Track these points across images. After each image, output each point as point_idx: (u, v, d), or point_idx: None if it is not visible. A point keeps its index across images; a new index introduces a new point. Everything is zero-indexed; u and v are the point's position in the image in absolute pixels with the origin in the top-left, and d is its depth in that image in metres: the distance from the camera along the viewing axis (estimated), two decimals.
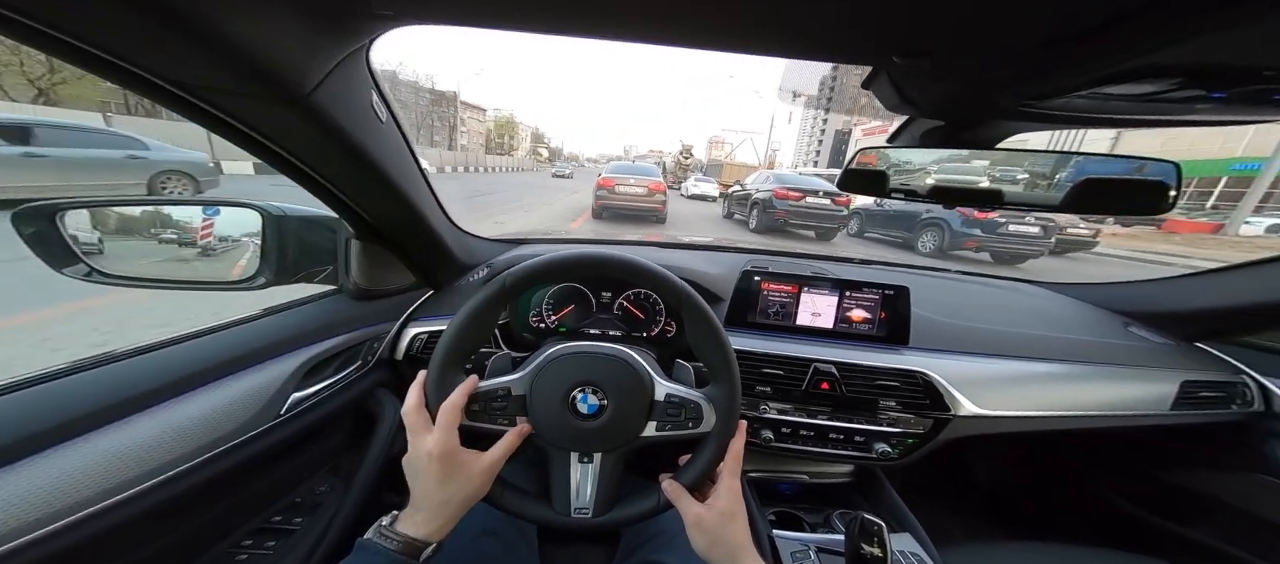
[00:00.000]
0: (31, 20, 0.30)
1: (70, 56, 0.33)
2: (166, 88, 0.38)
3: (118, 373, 0.51)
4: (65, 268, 0.57)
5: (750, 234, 8.56)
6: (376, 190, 0.63)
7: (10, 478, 0.38)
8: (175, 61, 0.36)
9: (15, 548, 0.37)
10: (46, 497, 0.40)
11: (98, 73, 0.34)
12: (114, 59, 0.34)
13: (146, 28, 0.32)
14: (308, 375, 0.67)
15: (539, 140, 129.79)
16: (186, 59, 0.36)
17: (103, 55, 0.33)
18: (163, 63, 0.36)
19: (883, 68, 0.45)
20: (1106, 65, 0.37)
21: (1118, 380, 0.92)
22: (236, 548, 0.62)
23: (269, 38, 0.36)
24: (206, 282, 0.69)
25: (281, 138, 0.50)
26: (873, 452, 0.89)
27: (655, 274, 0.55)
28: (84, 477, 0.42)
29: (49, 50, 0.32)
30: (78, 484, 0.42)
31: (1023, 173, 0.65)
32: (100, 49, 0.33)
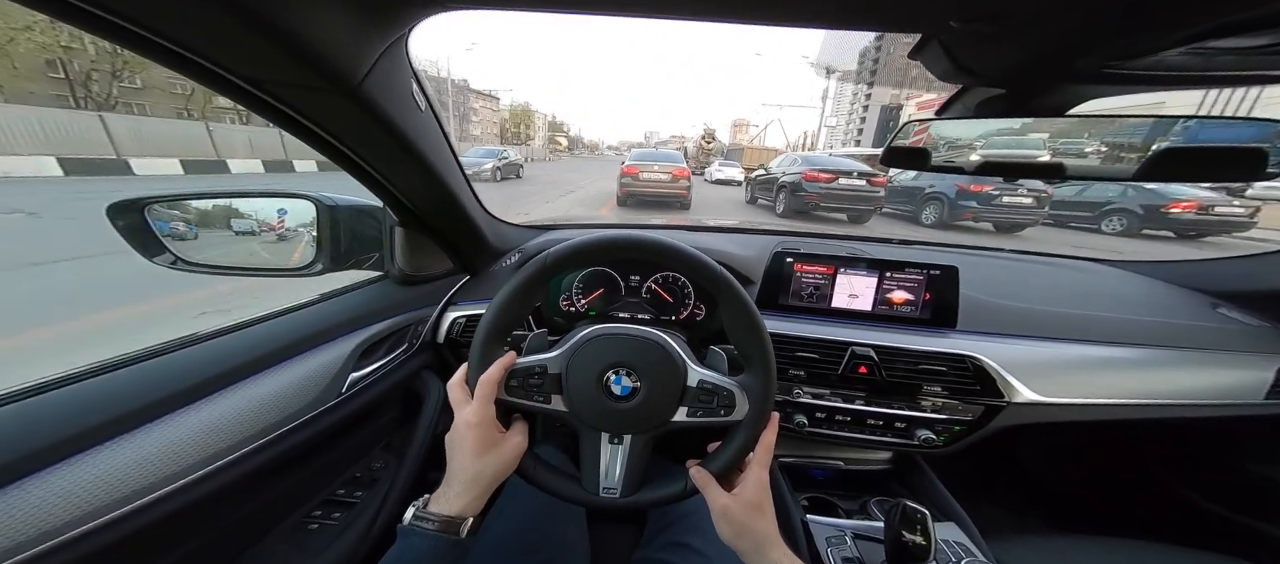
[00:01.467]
0: (119, 18, 0.32)
1: (150, 52, 0.35)
2: (238, 83, 0.41)
3: (204, 352, 0.56)
4: (155, 257, 0.63)
5: (776, 218, 8.35)
6: (418, 177, 0.66)
7: (120, 448, 0.43)
8: (246, 57, 0.39)
9: (134, 509, 0.43)
10: (153, 466, 0.44)
11: (175, 68, 0.37)
12: (190, 54, 0.37)
13: (221, 25, 0.34)
14: (362, 357, 0.71)
15: (557, 128, 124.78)
16: (255, 54, 0.38)
17: (179, 51, 0.36)
18: (236, 59, 0.39)
19: (936, 34, 0.42)
20: (1216, 14, 0.32)
21: (1203, 366, 0.83)
22: (308, 518, 0.68)
23: (324, 29, 0.38)
24: (271, 269, 0.74)
25: (335, 127, 0.52)
26: (915, 438, 0.85)
27: (692, 257, 0.54)
28: (184, 448, 0.47)
29: (132, 47, 0.35)
30: (179, 455, 0.47)
31: (1088, 141, 0.59)
32: (178, 44, 0.36)
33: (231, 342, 0.60)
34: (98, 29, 0.33)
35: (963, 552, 0.71)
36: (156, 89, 29.63)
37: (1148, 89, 0.51)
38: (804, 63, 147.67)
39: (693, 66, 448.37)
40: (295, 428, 0.59)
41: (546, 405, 0.54)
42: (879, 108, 53.17)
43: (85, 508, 0.39)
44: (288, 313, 0.70)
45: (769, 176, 9.24)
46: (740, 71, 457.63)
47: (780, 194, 8.40)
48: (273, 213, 0.74)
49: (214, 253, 0.70)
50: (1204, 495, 1.04)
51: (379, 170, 0.62)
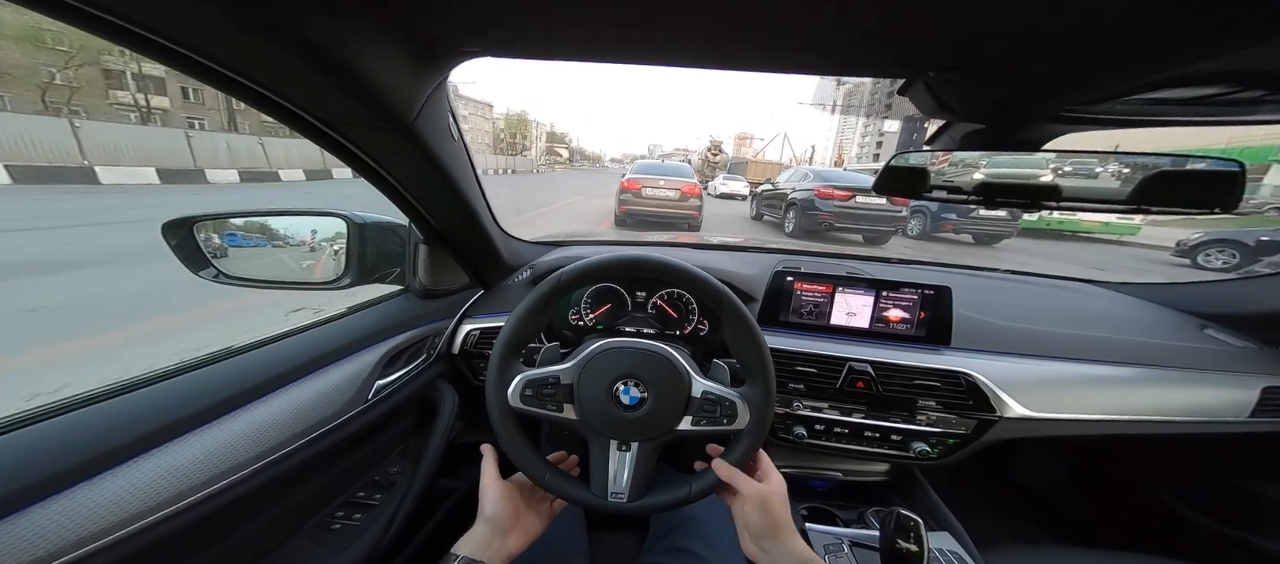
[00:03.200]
0: (213, 62, 0.37)
1: (245, 96, 0.41)
2: (315, 124, 0.46)
3: (246, 363, 0.61)
4: (200, 271, 0.68)
5: (785, 238, 7.72)
6: (448, 200, 0.71)
7: (166, 454, 0.47)
8: (319, 99, 0.45)
9: (178, 510, 0.46)
10: (193, 471, 0.48)
11: (254, 105, 0.42)
12: (282, 101, 0.42)
13: (307, 76, 0.40)
14: (386, 366, 0.76)
15: (556, 140, 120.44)
16: (327, 96, 0.44)
17: (273, 97, 0.41)
18: (308, 99, 0.44)
19: (918, 78, 0.47)
20: (1159, 71, 0.37)
21: (1190, 385, 0.87)
22: (331, 518, 0.71)
23: (385, 76, 0.43)
24: (303, 282, 0.79)
25: (386, 160, 0.58)
26: (911, 451, 0.88)
27: (697, 276, 0.58)
28: (226, 453, 0.51)
29: (225, 89, 0.39)
30: (222, 459, 0.50)
31: (1083, 168, 0.63)
32: (272, 91, 0.41)
33: (271, 352, 0.64)
34: (204, 76, 0.37)
35: (956, 560, 0.74)
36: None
37: (1109, 128, 0.56)
38: (805, 82, 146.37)
39: (696, 80, 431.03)
40: (325, 433, 0.63)
41: (558, 413, 0.58)
42: (901, 122, 51.62)
43: (136, 509, 0.43)
44: (320, 325, 0.74)
45: (776, 192, 8.76)
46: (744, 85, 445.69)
47: (790, 212, 7.80)
48: (306, 231, 0.79)
49: (252, 267, 0.75)
50: (1192, 509, 1.07)
51: (415, 195, 0.68)
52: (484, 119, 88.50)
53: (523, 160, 48.10)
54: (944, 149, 0.61)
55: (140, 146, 12.47)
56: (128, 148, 12.15)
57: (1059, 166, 0.61)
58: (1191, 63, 0.36)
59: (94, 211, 6.74)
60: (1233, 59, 0.34)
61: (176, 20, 0.33)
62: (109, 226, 5.75)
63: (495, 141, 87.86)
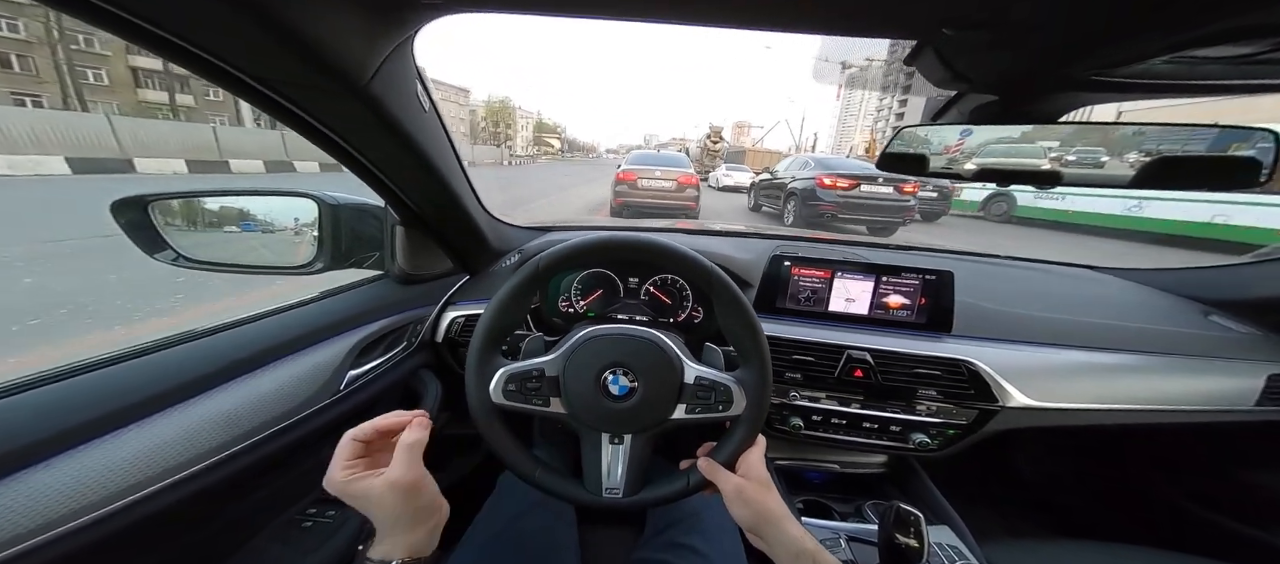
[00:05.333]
0: (130, 14, 0.32)
1: (162, 49, 0.36)
2: (247, 81, 0.41)
3: (202, 348, 0.56)
4: (156, 254, 0.63)
5: (784, 228, 7.73)
6: (421, 177, 0.66)
7: (106, 446, 0.43)
8: (254, 56, 0.40)
9: (127, 505, 0.42)
10: (143, 463, 0.44)
11: (185, 66, 0.38)
12: (200, 52, 0.37)
13: (231, 23, 0.35)
14: (361, 355, 0.72)
15: (546, 129, 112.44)
16: (264, 53, 0.39)
17: (190, 48, 0.37)
18: (244, 57, 0.39)
19: (930, 41, 0.43)
20: (1203, 24, 0.33)
21: (1195, 373, 0.84)
22: (302, 515, 0.68)
23: (332, 30, 0.38)
24: (272, 266, 0.75)
25: (342, 127, 0.53)
26: (910, 442, 0.86)
27: (684, 256, 0.55)
28: (180, 444, 0.47)
29: (144, 43, 0.35)
30: (175, 450, 0.46)
31: (1085, 148, 0.60)
32: (187, 41, 0.36)
33: (232, 336, 0.60)
34: (109, 25, 0.33)
35: (955, 554, 0.72)
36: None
37: (1142, 96, 0.52)
38: (810, 62, 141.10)
39: (692, 68, 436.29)
40: (291, 425, 0.59)
41: (545, 408, 0.55)
42: (925, 100, 50.39)
43: (78, 503, 0.39)
44: (288, 309, 0.70)
45: (775, 181, 8.32)
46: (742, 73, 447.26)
47: (790, 202, 7.30)
48: (276, 212, 0.75)
49: (216, 250, 0.71)
50: (1195, 500, 1.05)
51: (383, 170, 0.63)
52: (458, 105, 79.28)
53: (486, 150, 37.85)
54: (951, 123, 0.58)
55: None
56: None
57: (1061, 152, 0.58)
58: (1237, 16, 0.32)
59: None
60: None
61: None
62: None
63: (474, 131, 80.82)
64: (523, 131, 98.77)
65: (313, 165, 16.17)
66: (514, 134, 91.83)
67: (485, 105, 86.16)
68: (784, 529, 0.47)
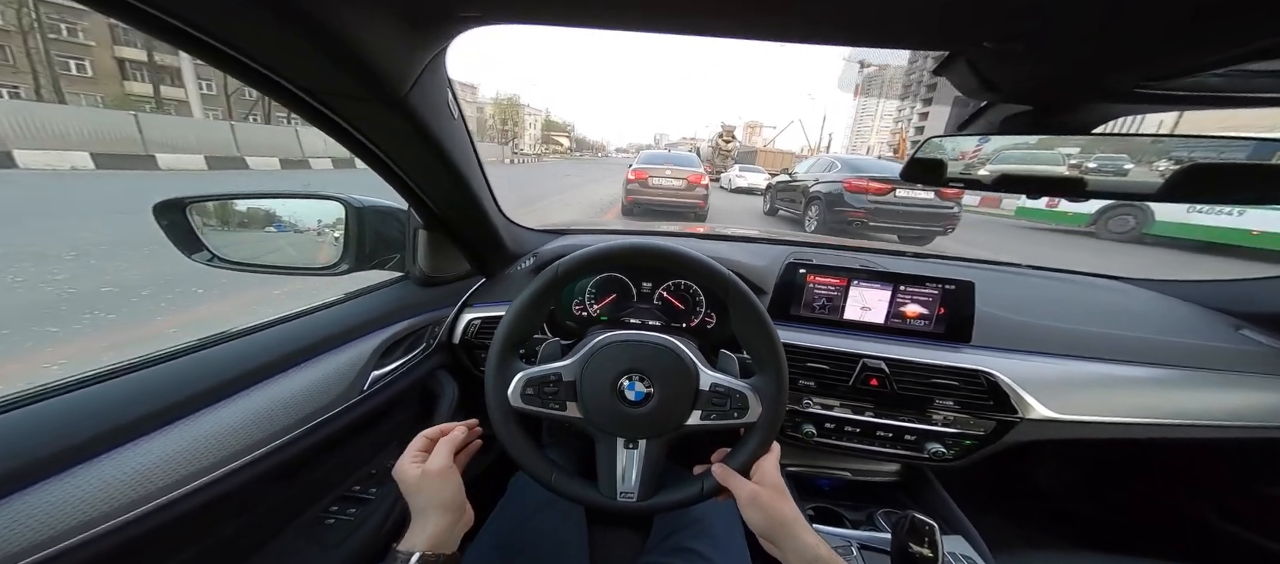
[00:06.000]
0: (185, 23, 0.34)
1: (214, 58, 0.37)
2: (297, 93, 0.43)
3: (236, 349, 0.58)
4: (193, 254, 0.66)
5: (799, 233, 6.64)
6: (447, 182, 0.68)
7: (147, 446, 0.44)
8: (305, 69, 0.41)
9: (158, 506, 0.44)
10: (179, 463, 0.45)
11: (234, 74, 0.39)
12: (251, 62, 0.39)
13: (283, 36, 0.36)
14: (384, 355, 0.74)
15: (555, 128, 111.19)
16: (314, 67, 0.41)
17: (245, 61, 0.38)
18: (294, 68, 0.41)
19: (964, 52, 0.42)
20: (1260, 36, 0.32)
21: (1227, 388, 0.82)
22: (326, 513, 0.70)
23: (377, 45, 0.40)
24: (300, 267, 0.77)
25: (378, 135, 0.55)
26: (925, 451, 0.85)
27: (702, 264, 0.55)
28: (214, 443, 0.49)
29: (196, 52, 0.36)
30: (209, 450, 0.48)
31: (1109, 157, 0.58)
32: (240, 52, 0.38)
33: (262, 339, 0.62)
34: (170, 37, 0.34)
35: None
36: None
37: (1187, 108, 0.50)
38: (827, 60, 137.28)
39: (703, 68, 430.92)
40: (318, 425, 0.61)
41: (561, 412, 0.56)
42: (950, 109, 47.54)
43: (113, 504, 0.40)
44: (316, 311, 0.72)
45: (794, 184, 7.65)
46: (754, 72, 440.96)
47: (812, 207, 6.64)
48: (304, 214, 0.77)
49: (247, 250, 0.73)
50: (1221, 516, 1.02)
51: (412, 176, 0.65)
52: (466, 103, 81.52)
53: (488, 148, 36.53)
54: (979, 133, 0.57)
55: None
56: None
57: (1082, 160, 0.57)
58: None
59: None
60: None
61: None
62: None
63: (481, 128, 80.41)
64: (531, 130, 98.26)
65: (326, 162, 16.48)
66: (521, 132, 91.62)
67: (494, 103, 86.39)
68: (799, 536, 0.47)
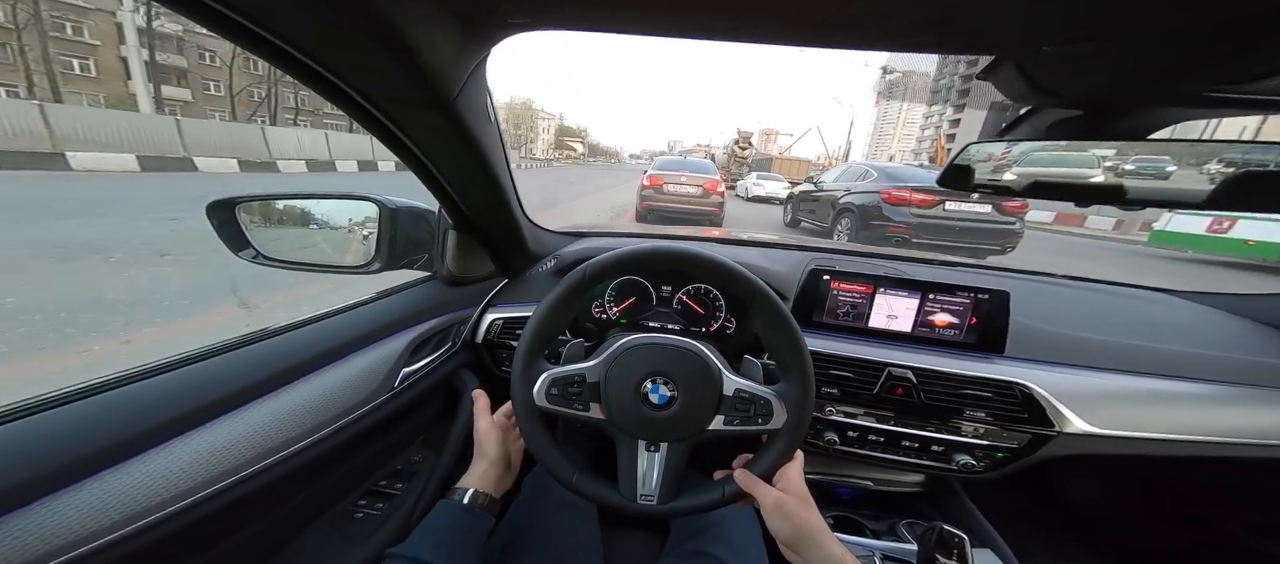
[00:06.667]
0: (260, 27, 0.35)
1: (283, 62, 0.39)
2: (353, 96, 0.45)
3: (276, 346, 0.60)
4: (240, 251, 0.69)
5: (819, 239, 5.87)
6: (481, 185, 0.69)
7: (184, 444, 0.45)
8: (366, 73, 0.43)
9: (208, 495, 0.45)
10: (217, 458, 0.46)
11: (298, 77, 0.41)
12: (317, 65, 0.40)
13: (352, 41, 0.38)
14: (413, 353, 0.75)
15: (569, 133, 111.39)
16: (375, 71, 0.42)
17: (311, 64, 0.40)
18: (356, 73, 0.42)
19: (1012, 56, 0.40)
20: None
21: (1275, 405, 0.78)
22: (354, 507, 0.71)
23: (430, 49, 0.41)
24: (336, 266, 0.80)
25: (423, 137, 0.56)
26: (953, 463, 0.83)
27: (728, 268, 0.55)
28: (254, 439, 0.50)
29: (265, 56, 0.38)
30: (249, 445, 0.49)
31: (1149, 159, 0.55)
32: (311, 58, 0.39)
33: (299, 336, 0.64)
34: (235, 34, 0.35)
35: None
36: None
37: (1260, 113, 0.48)
38: (848, 66, 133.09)
39: (718, 74, 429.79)
40: (351, 421, 0.63)
41: (585, 413, 0.56)
42: (986, 113, 43.63)
43: (156, 499, 0.42)
44: (351, 309, 0.74)
45: (819, 194, 7.07)
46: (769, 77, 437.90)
47: (843, 219, 6.03)
48: (339, 214, 0.80)
49: (288, 249, 0.77)
50: (1263, 537, 0.96)
51: (448, 177, 0.66)
52: None
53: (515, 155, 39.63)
54: (1025, 139, 0.55)
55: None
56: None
57: (1117, 163, 0.54)
58: None
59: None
60: None
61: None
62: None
63: None
64: (544, 135, 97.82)
65: (351, 164, 17.04)
66: (535, 137, 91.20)
67: (507, 108, 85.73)
68: (823, 546, 0.47)
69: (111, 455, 0.41)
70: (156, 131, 12.12)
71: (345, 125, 21.70)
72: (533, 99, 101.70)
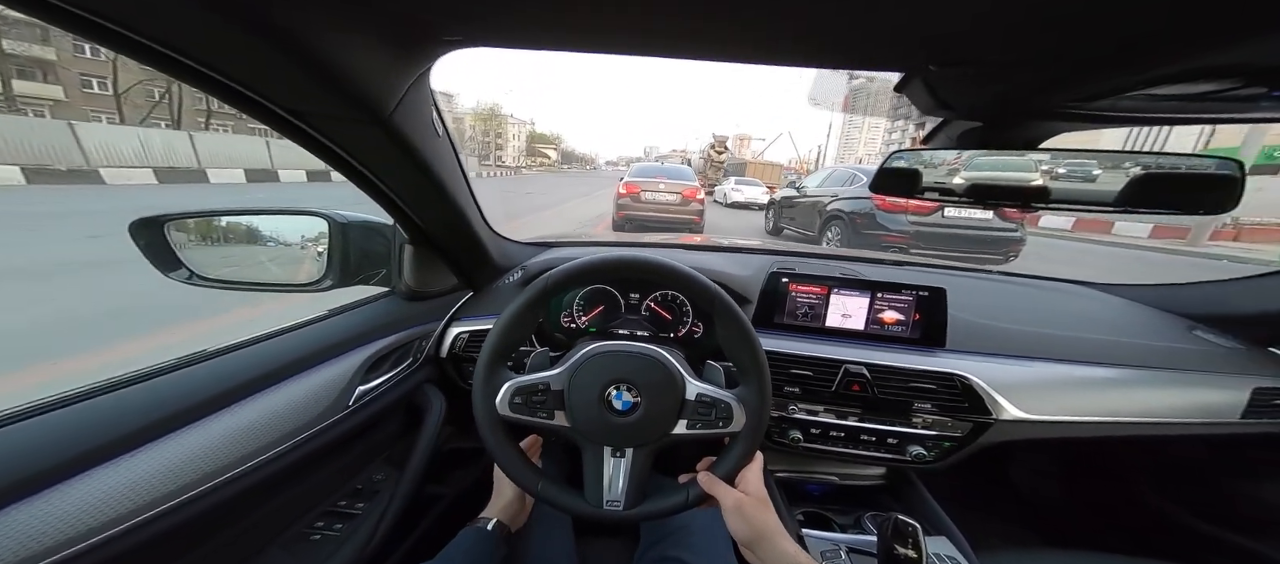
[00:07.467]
0: (176, 53, 0.34)
1: (206, 85, 0.38)
2: (282, 114, 0.44)
3: (220, 367, 0.58)
4: (170, 272, 0.65)
5: (779, 243, 5.89)
6: (433, 198, 0.69)
7: (131, 463, 0.44)
8: (291, 91, 0.42)
9: (127, 529, 0.43)
10: (160, 480, 0.45)
11: (219, 96, 0.40)
12: (240, 87, 0.39)
13: (272, 61, 0.37)
14: (369, 371, 0.73)
15: (542, 140, 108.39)
16: (301, 89, 0.41)
17: (229, 84, 0.39)
18: (281, 92, 0.42)
19: (917, 74, 0.46)
20: (1161, 67, 0.37)
21: (1182, 386, 0.87)
22: (310, 529, 0.69)
23: (362, 66, 0.41)
24: (281, 284, 0.76)
25: (363, 154, 0.55)
26: (906, 454, 0.88)
27: (688, 277, 0.57)
28: (197, 460, 0.48)
29: (188, 79, 0.37)
30: (192, 467, 0.48)
31: (1078, 164, 0.62)
32: (228, 77, 0.38)
33: (246, 356, 0.61)
34: (151, 59, 0.34)
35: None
36: None
37: (1108, 126, 0.55)
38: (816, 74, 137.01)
39: (693, 80, 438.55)
40: (303, 441, 0.60)
41: (549, 421, 0.56)
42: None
43: (97, 520, 0.40)
44: (301, 327, 0.72)
45: (802, 200, 6.71)
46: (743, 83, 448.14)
47: (832, 227, 5.65)
48: (287, 230, 0.77)
49: (228, 268, 0.72)
50: (1186, 511, 1.07)
51: (398, 193, 0.65)
52: (443, 113, 79.57)
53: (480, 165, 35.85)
54: (940, 147, 0.60)
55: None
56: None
57: (1052, 167, 0.60)
58: (1193, 59, 0.35)
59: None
60: (1232, 54, 0.33)
61: (140, 10, 0.31)
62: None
63: (459, 140, 77.90)
64: (515, 141, 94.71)
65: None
66: (505, 144, 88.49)
67: (473, 113, 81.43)
68: (779, 545, 0.49)
69: (34, 484, 0.38)
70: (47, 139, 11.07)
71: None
72: (501, 104, 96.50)
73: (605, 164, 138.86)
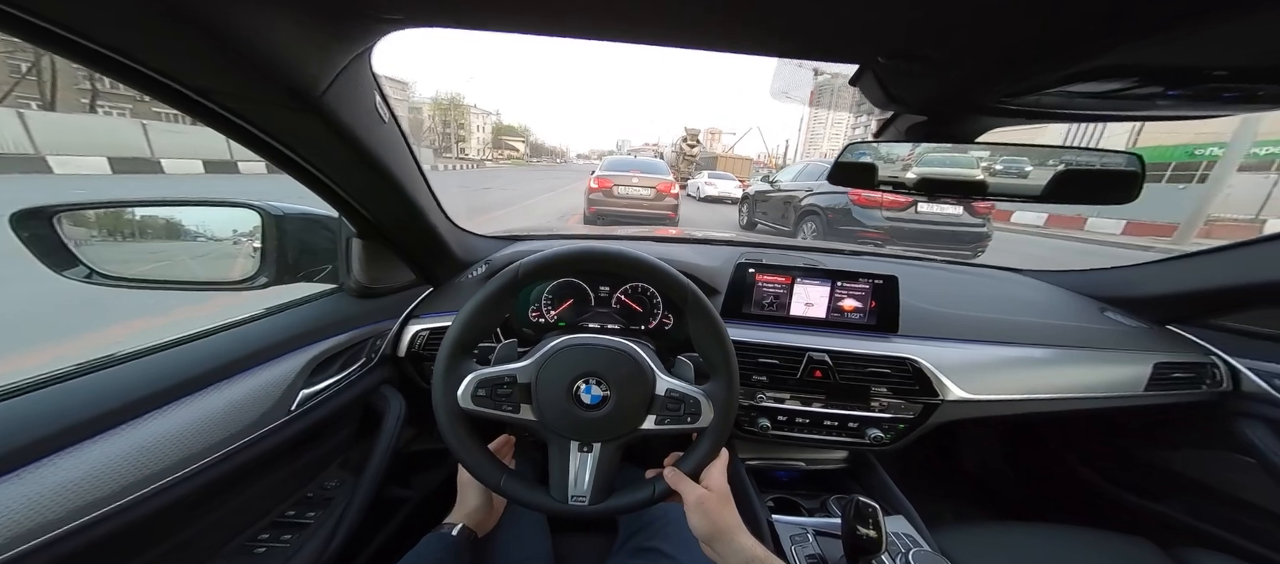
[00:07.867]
0: (52, 24, 0.30)
1: (89, 61, 0.33)
2: (188, 95, 0.39)
3: (149, 366, 0.52)
4: (65, 271, 0.57)
5: (745, 233, 6.01)
6: (379, 189, 0.64)
7: (24, 480, 0.39)
8: (196, 69, 0.37)
9: (34, 547, 0.38)
10: (86, 487, 0.41)
11: (118, 77, 0.35)
12: (133, 64, 0.35)
13: (168, 36, 0.33)
14: (315, 373, 0.68)
15: (508, 132, 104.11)
16: (205, 65, 0.37)
17: (123, 60, 0.34)
18: (182, 68, 0.37)
19: (869, 66, 0.47)
20: (1073, 64, 0.40)
21: (1094, 363, 0.95)
22: (253, 542, 0.64)
23: (281, 43, 0.37)
24: (207, 282, 0.69)
25: (292, 140, 0.51)
26: (866, 437, 0.92)
27: (660, 270, 0.56)
28: (105, 474, 0.43)
29: (69, 55, 0.32)
30: (100, 482, 0.43)
31: (1013, 160, 0.66)
32: (122, 54, 0.34)
33: (178, 355, 0.55)
34: (40, 40, 0.31)
35: (910, 542, 0.77)
36: None
37: (1035, 121, 0.59)
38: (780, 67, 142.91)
39: (665, 73, 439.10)
40: (237, 449, 0.55)
41: (515, 415, 0.55)
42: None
43: (15, 531, 0.36)
44: (237, 325, 0.65)
45: (775, 194, 6.70)
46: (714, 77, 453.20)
47: (807, 222, 5.69)
48: (210, 223, 0.69)
49: (139, 265, 0.64)
50: (1107, 480, 1.19)
51: (337, 182, 0.60)
52: (398, 103, 69.00)
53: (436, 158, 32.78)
54: (890, 140, 0.63)
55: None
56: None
57: (991, 163, 0.64)
58: (1099, 58, 0.38)
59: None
60: (1130, 55, 0.37)
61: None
62: None
63: (416, 131, 70.30)
64: (479, 133, 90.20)
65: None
66: (468, 135, 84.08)
67: (433, 102, 76.80)
68: (736, 540, 0.49)
69: None
70: None
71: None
72: (463, 94, 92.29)
73: (577, 157, 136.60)
